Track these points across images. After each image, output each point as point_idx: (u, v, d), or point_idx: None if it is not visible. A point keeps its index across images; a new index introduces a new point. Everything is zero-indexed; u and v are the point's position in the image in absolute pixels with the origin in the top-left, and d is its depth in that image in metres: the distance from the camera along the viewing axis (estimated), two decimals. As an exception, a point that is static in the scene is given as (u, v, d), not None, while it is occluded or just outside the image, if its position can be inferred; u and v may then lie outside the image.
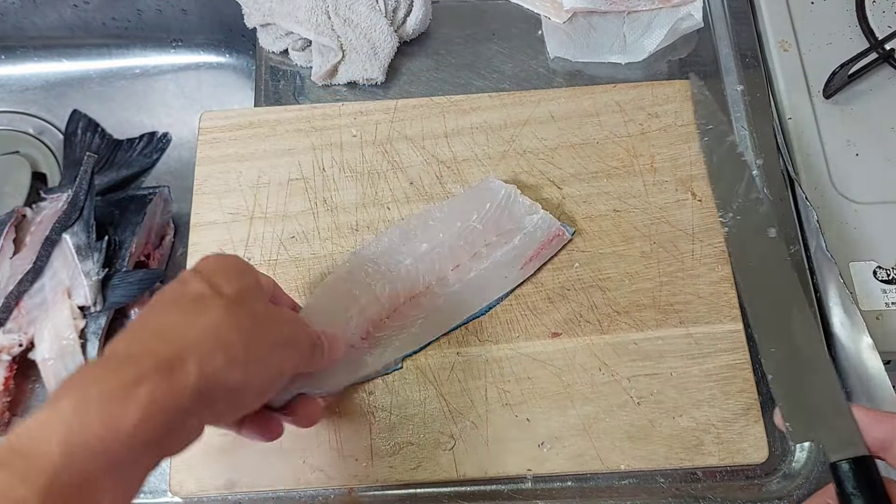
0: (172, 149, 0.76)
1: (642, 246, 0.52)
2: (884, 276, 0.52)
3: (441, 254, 0.50)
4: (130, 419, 0.31)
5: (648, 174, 0.55)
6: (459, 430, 0.47)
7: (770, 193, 0.56)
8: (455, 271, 0.50)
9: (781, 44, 0.61)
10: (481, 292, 0.50)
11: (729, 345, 0.49)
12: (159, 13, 0.76)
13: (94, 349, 0.58)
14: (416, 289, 0.49)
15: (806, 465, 0.48)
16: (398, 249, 0.51)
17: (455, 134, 0.57)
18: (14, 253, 0.61)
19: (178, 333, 0.34)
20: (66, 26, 0.77)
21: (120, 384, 0.31)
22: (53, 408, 0.31)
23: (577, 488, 0.47)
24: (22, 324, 0.58)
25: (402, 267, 0.50)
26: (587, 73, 0.61)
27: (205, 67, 0.80)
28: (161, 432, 0.32)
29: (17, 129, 0.77)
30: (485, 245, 0.51)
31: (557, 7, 0.62)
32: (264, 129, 0.57)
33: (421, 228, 0.51)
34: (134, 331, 0.36)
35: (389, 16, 0.61)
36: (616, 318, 0.50)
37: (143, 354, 0.33)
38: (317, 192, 0.55)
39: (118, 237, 0.61)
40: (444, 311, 0.49)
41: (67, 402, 0.31)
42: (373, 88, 0.61)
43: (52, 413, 0.31)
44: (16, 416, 0.60)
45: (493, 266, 0.50)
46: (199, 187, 0.55)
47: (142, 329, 0.36)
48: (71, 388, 0.31)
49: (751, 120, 0.58)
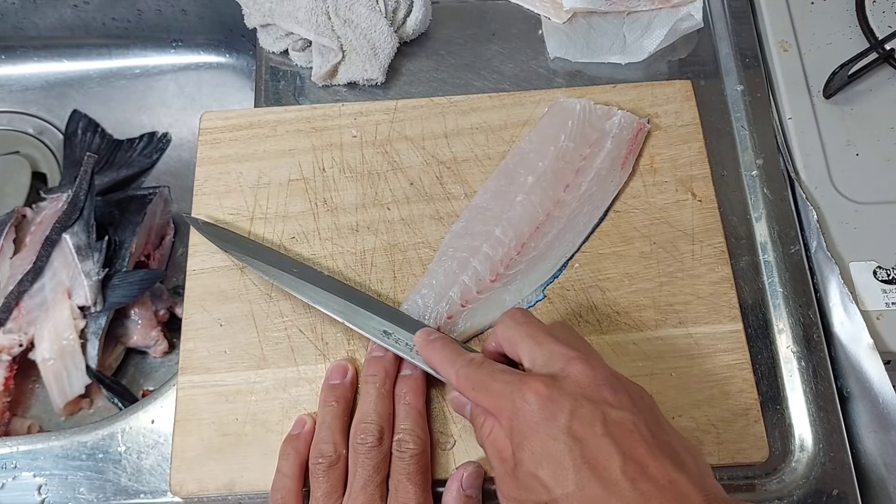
0: (172, 149, 0.76)
1: (642, 246, 0.52)
2: (884, 276, 0.52)
3: (548, 180, 0.53)
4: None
5: (648, 174, 0.55)
6: (459, 430, 0.47)
7: (770, 193, 0.56)
8: (567, 191, 0.52)
9: (781, 44, 0.61)
10: (596, 201, 0.53)
11: (729, 345, 0.49)
12: (159, 13, 0.76)
13: (94, 349, 0.58)
14: (537, 219, 0.51)
15: (806, 465, 0.48)
16: (506, 190, 0.53)
17: (455, 134, 0.57)
18: (14, 253, 0.61)
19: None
20: (66, 26, 0.77)
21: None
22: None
23: (577, 488, 0.47)
24: (22, 324, 0.58)
25: (515, 204, 0.52)
26: (587, 74, 0.61)
27: (205, 67, 0.80)
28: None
29: (17, 129, 0.77)
30: (582, 159, 0.53)
31: (557, 7, 0.62)
32: (264, 130, 0.57)
33: (520, 164, 0.54)
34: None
35: (389, 16, 0.61)
36: (616, 319, 0.50)
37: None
38: (317, 192, 0.55)
39: (118, 237, 0.62)
40: (569, 230, 0.52)
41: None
42: (373, 89, 0.61)
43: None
44: (16, 415, 0.60)
45: (597, 175, 0.53)
46: (199, 187, 0.55)
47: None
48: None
49: (751, 120, 0.58)
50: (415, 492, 0.43)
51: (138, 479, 0.49)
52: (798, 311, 0.52)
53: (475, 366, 0.42)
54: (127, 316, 0.62)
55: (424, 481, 0.44)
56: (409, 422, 0.45)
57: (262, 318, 0.51)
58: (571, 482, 0.36)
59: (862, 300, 0.51)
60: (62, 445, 0.50)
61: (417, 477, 0.43)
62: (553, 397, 0.38)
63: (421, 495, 0.43)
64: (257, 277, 0.52)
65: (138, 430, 0.50)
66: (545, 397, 0.38)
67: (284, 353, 0.50)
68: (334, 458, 0.44)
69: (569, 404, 0.37)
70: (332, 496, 0.44)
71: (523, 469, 0.37)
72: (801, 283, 0.53)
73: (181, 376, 0.49)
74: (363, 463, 0.43)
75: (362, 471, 0.43)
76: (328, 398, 0.47)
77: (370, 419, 0.45)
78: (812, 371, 0.50)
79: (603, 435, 0.36)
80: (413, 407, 0.46)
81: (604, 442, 0.36)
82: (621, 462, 0.35)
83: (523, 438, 0.38)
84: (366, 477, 0.43)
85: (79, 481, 0.49)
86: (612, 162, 0.54)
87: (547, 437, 0.37)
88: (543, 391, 0.38)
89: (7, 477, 0.49)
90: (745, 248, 0.54)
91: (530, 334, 0.42)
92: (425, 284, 0.50)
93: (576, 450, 0.36)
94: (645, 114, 0.57)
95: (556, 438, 0.37)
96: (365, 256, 0.53)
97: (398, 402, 0.46)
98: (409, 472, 0.43)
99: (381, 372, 0.47)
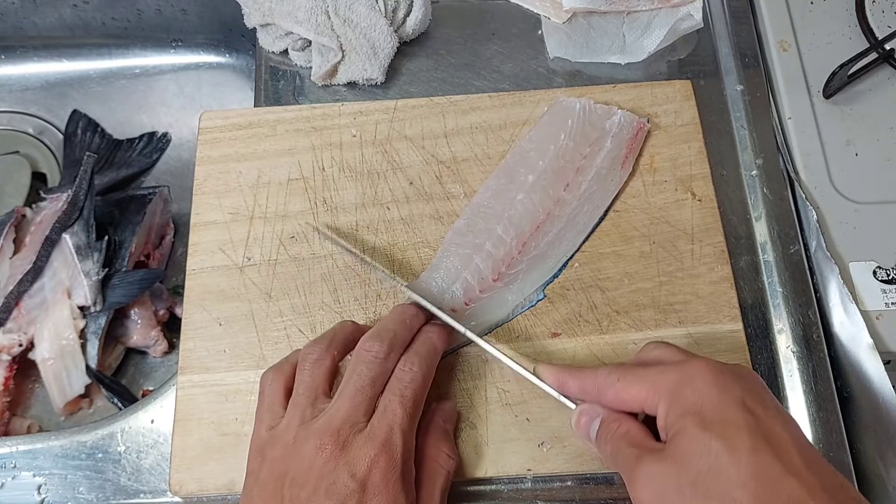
0: (172, 149, 0.76)
1: (642, 246, 0.52)
2: (884, 276, 0.52)
3: (548, 179, 0.53)
4: None
5: (648, 174, 0.55)
6: (459, 430, 0.47)
7: (770, 193, 0.56)
8: (567, 190, 0.52)
9: (781, 44, 0.61)
10: (597, 200, 0.53)
11: (729, 345, 0.49)
12: (159, 13, 0.76)
13: (94, 349, 0.58)
14: (538, 218, 0.51)
15: (806, 464, 0.48)
16: (507, 189, 0.53)
17: (455, 134, 0.57)
18: (14, 253, 0.61)
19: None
20: (66, 26, 0.77)
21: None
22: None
23: (577, 488, 0.47)
24: (22, 324, 0.58)
25: (516, 203, 0.52)
26: (587, 74, 0.61)
27: (205, 67, 0.80)
28: None
29: (17, 129, 0.77)
30: (582, 158, 0.54)
31: (557, 7, 0.62)
32: (264, 129, 0.57)
33: (520, 163, 0.54)
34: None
35: (389, 16, 0.61)
36: (615, 318, 0.50)
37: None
38: (316, 192, 0.55)
39: (118, 237, 0.62)
40: (570, 229, 0.52)
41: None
42: (372, 88, 0.61)
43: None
44: (15, 415, 0.60)
45: (597, 174, 0.53)
46: (198, 187, 0.55)
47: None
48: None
49: (751, 120, 0.58)
50: (402, 416, 0.41)
51: (138, 478, 0.49)
52: (798, 311, 0.52)
53: (616, 365, 0.42)
54: (127, 316, 0.62)
55: (414, 411, 0.42)
56: (424, 350, 0.44)
57: (261, 317, 0.51)
58: (746, 450, 0.34)
59: (862, 300, 0.51)
60: (62, 445, 0.50)
61: (409, 403, 0.42)
62: (724, 371, 0.38)
63: (406, 422, 0.41)
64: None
65: (138, 429, 0.50)
66: (715, 370, 0.37)
67: (284, 352, 0.49)
68: (324, 353, 0.43)
69: (741, 383, 0.37)
70: (312, 393, 0.42)
71: (686, 436, 0.36)
72: (801, 283, 0.53)
73: (181, 376, 0.49)
74: (360, 371, 0.42)
75: (357, 378, 0.42)
76: (346, 321, 0.47)
77: (384, 335, 0.43)
78: (812, 371, 0.50)
79: (775, 417, 0.36)
80: (433, 344, 0.45)
81: (777, 423, 0.36)
82: (796, 446, 0.35)
83: (690, 406, 0.36)
84: (358, 385, 0.41)
85: (78, 481, 0.49)
86: (613, 161, 0.54)
87: (719, 404, 0.36)
88: (713, 365, 0.38)
89: (7, 476, 0.49)
90: (745, 248, 0.54)
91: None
92: (426, 279, 0.50)
93: (751, 420, 0.35)
94: (645, 113, 0.57)
95: (729, 405, 0.36)
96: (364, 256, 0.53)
97: (422, 334, 0.46)
98: (404, 395, 0.42)
99: (411, 314, 0.46)
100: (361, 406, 0.41)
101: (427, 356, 0.44)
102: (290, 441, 0.40)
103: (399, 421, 0.41)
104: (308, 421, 0.41)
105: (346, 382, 0.42)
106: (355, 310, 0.51)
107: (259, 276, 0.52)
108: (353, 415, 0.40)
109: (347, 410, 0.40)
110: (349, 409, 0.40)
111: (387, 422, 0.40)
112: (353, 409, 0.40)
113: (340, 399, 0.41)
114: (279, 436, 0.41)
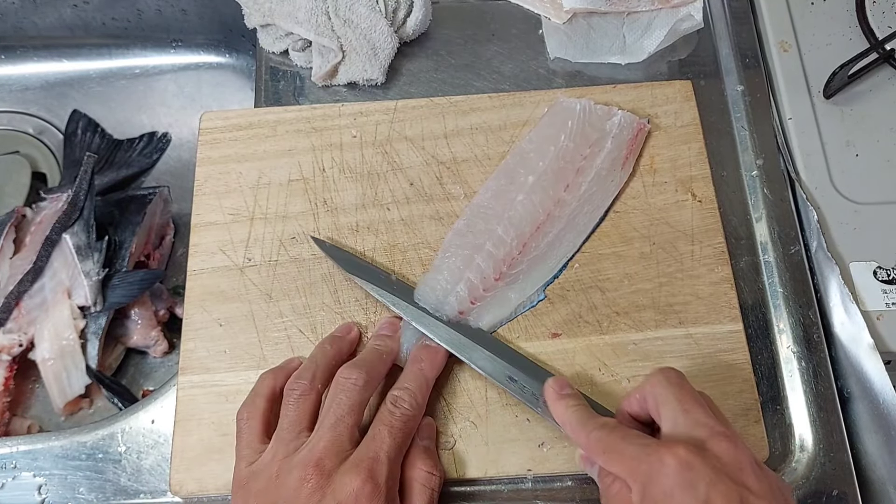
0: (172, 149, 0.76)
1: (642, 247, 0.52)
2: (884, 276, 0.52)
3: (548, 179, 0.53)
4: None
5: (648, 175, 0.55)
6: (459, 430, 0.47)
7: (770, 193, 0.56)
8: (568, 191, 0.52)
9: (781, 44, 0.61)
10: (597, 201, 0.53)
11: (729, 345, 0.49)
12: (159, 13, 0.76)
13: (94, 349, 0.58)
14: (538, 219, 0.51)
15: (806, 465, 0.48)
16: (507, 189, 0.53)
17: (455, 135, 0.57)
18: (14, 253, 0.61)
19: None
20: (66, 26, 0.77)
21: None
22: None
23: (577, 488, 0.47)
24: (22, 324, 0.58)
25: (516, 204, 0.52)
26: (587, 74, 0.61)
27: (205, 67, 0.80)
28: None
29: (17, 129, 0.77)
30: (583, 159, 0.54)
31: (557, 8, 0.62)
32: (264, 130, 0.57)
33: (520, 164, 0.54)
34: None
35: (389, 16, 0.61)
36: (615, 319, 0.50)
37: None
38: (317, 192, 0.55)
39: (118, 237, 0.62)
40: (570, 230, 0.52)
41: None
42: (373, 89, 0.61)
43: None
44: (16, 415, 0.60)
45: (597, 175, 0.53)
46: (199, 188, 0.55)
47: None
48: None
49: (751, 120, 0.58)
50: (390, 445, 0.41)
51: (138, 479, 0.49)
52: (798, 312, 0.52)
53: (608, 429, 0.40)
54: (127, 316, 0.62)
55: (403, 441, 0.43)
56: (414, 384, 0.45)
57: (262, 318, 0.51)
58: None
59: (862, 300, 0.51)
60: (62, 445, 0.50)
61: (398, 434, 0.42)
62: (694, 465, 0.36)
63: (394, 450, 0.41)
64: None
65: (138, 430, 0.50)
66: (685, 463, 0.36)
67: (284, 353, 0.50)
68: (308, 388, 0.44)
69: (709, 476, 0.35)
70: (297, 427, 0.42)
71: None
72: (802, 283, 0.53)
73: (181, 376, 0.49)
74: (340, 401, 0.42)
75: (337, 408, 0.42)
76: (324, 342, 0.47)
77: (361, 364, 0.44)
78: (812, 371, 0.50)
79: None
80: (424, 374, 0.45)
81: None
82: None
83: (657, 502, 0.36)
84: (338, 415, 0.42)
85: (78, 481, 0.49)
86: (613, 162, 0.54)
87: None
88: (684, 457, 0.36)
89: (7, 477, 0.49)
90: (746, 249, 0.54)
91: (679, 398, 0.40)
92: (431, 280, 0.50)
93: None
94: (645, 114, 0.57)
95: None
96: (365, 257, 0.53)
97: (412, 364, 0.46)
98: (393, 426, 0.42)
99: (389, 347, 0.47)
100: (344, 434, 0.41)
101: (418, 387, 0.45)
102: (274, 474, 0.41)
103: (386, 449, 0.41)
104: (291, 454, 0.41)
105: (326, 413, 0.42)
106: (356, 310, 0.51)
107: (259, 277, 0.52)
108: (336, 444, 0.41)
109: (329, 440, 0.41)
110: (331, 439, 0.41)
111: (373, 449, 0.41)
112: (334, 439, 0.41)
113: (321, 429, 0.42)
114: (262, 470, 0.42)
